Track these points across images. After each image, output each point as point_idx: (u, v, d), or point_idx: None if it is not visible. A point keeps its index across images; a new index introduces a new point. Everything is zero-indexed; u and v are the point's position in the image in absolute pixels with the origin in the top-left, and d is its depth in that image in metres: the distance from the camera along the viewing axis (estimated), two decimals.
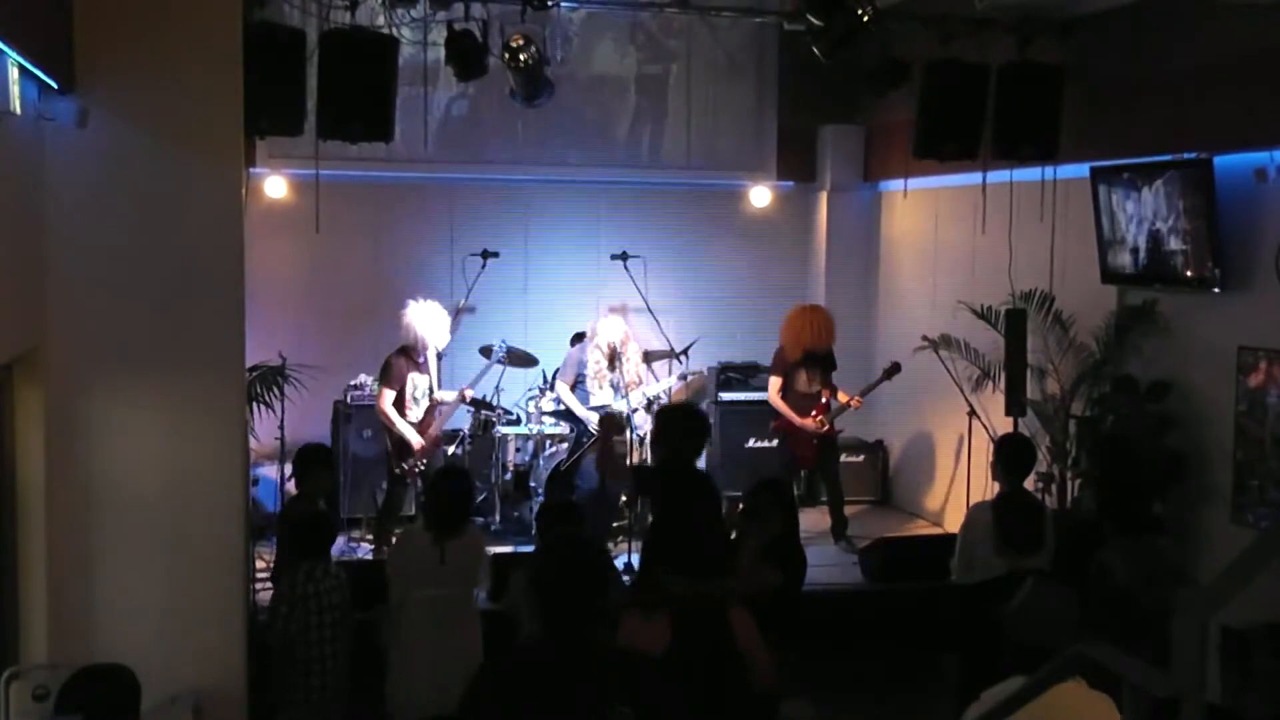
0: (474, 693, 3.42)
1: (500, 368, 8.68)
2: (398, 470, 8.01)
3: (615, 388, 8.48)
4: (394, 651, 5.62)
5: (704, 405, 10.00)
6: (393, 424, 7.92)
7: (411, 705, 5.54)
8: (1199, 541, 6.71)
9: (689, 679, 4.47)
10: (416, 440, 7.92)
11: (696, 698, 4.40)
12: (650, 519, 6.54)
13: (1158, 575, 5.03)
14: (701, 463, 9.79)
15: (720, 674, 4.84)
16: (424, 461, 7.97)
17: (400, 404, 7.94)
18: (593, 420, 8.33)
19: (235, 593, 5.55)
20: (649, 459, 8.75)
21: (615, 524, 8.60)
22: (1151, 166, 6.88)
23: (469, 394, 8.23)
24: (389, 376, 7.93)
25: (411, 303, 7.98)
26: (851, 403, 8.63)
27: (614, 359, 8.39)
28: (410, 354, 7.94)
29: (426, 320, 7.88)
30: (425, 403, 8.02)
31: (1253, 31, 6.24)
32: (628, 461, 8.22)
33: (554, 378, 8.87)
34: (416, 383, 7.97)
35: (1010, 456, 6.21)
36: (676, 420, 6.23)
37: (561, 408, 8.71)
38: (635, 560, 7.65)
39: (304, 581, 5.51)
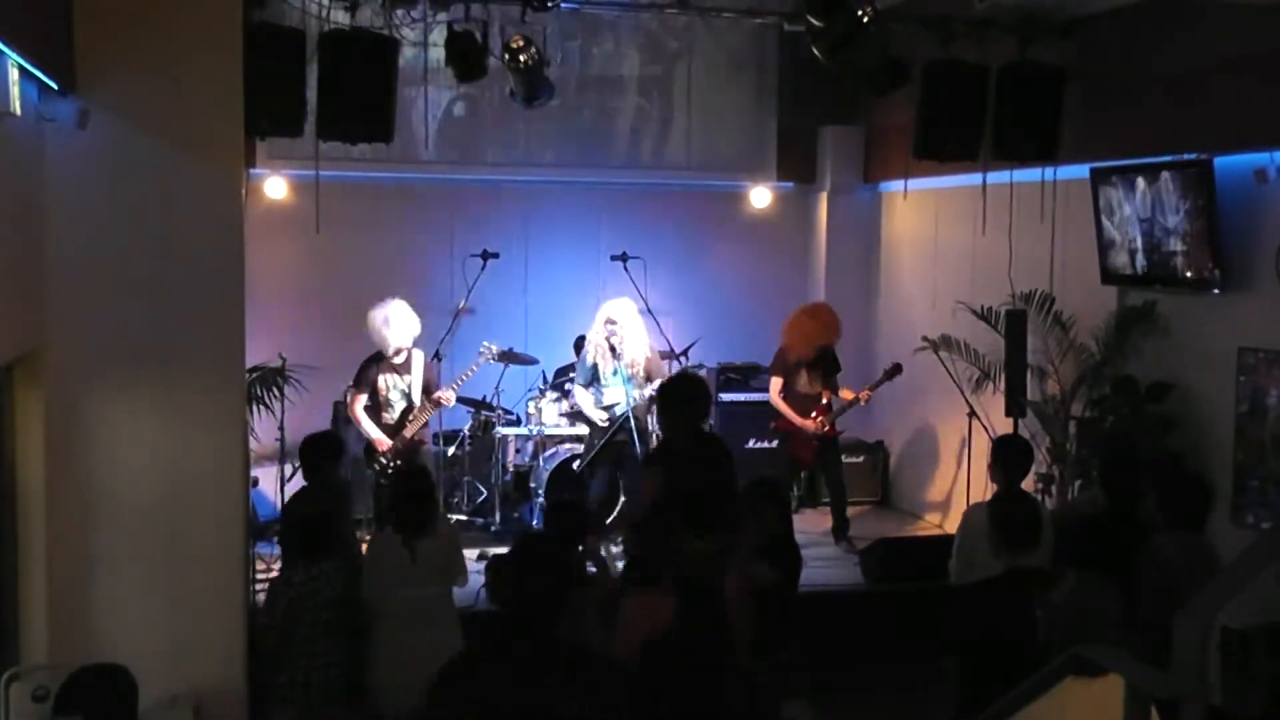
0: (436, 690, 3.45)
1: (499, 368, 8.66)
2: (369, 471, 8.02)
3: (628, 379, 8.36)
4: (373, 651, 5.63)
5: None
6: (359, 424, 7.93)
7: (392, 704, 5.56)
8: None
9: (690, 655, 4.48)
10: (379, 439, 7.87)
11: (694, 672, 4.42)
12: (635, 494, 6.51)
13: (1208, 571, 5.05)
14: None
15: (716, 646, 4.85)
16: (397, 462, 7.93)
17: (376, 406, 7.93)
18: (597, 418, 8.32)
19: (235, 593, 5.55)
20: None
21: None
22: (1151, 167, 6.88)
23: (449, 399, 8.17)
24: (358, 379, 7.97)
25: (376, 305, 7.89)
26: (860, 396, 8.63)
27: (613, 350, 8.30)
28: (383, 356, 7.91)
29: (384, 320, 7.79)
30: (402, 404, 7.97)
31: (1253, 31, 6.24)
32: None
33: (555, 379, 8.85)
34: (392, 384, 7.93)
35: (1008, 457, 6.22)
36: (673, 391, 6.28)
37: (575, 409, 8.67)
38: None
39: (284, 586, 5.50)
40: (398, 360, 7.89)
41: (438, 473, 8.58)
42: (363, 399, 7.92)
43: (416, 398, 7.95)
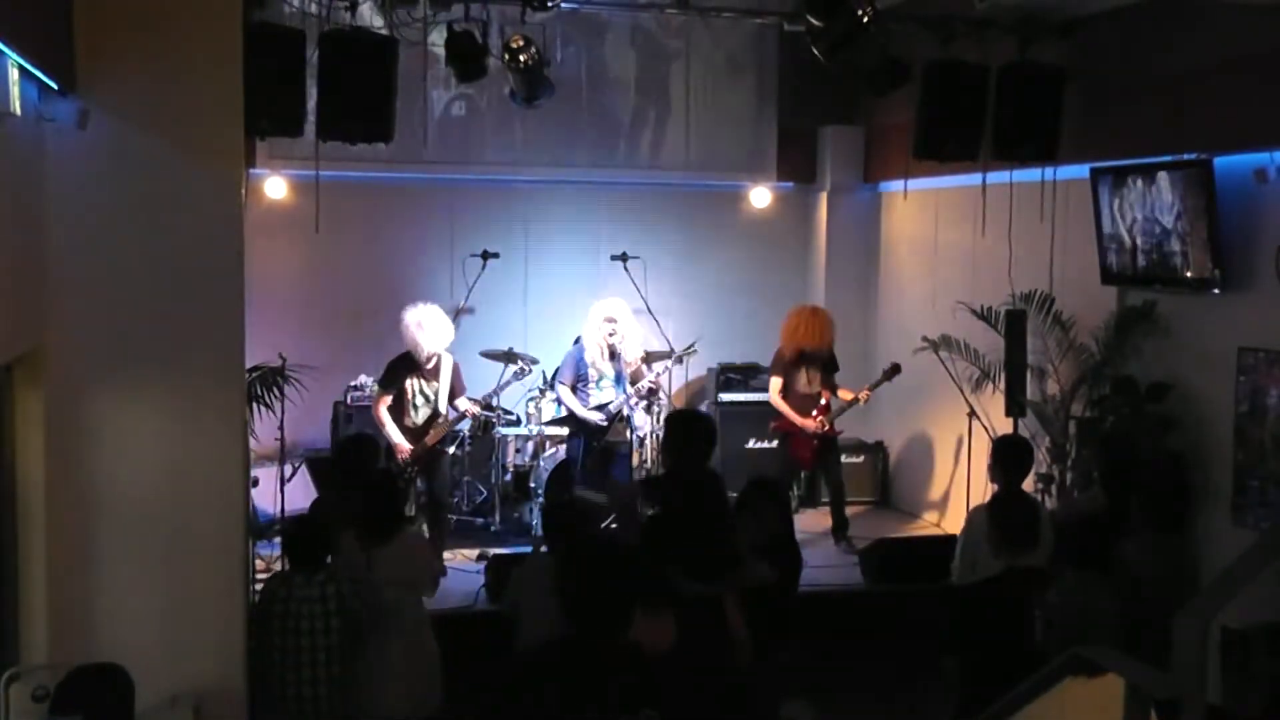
0: (500, 690, 3.45)
1: (499, 368, 8.65)
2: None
3: (618, 379, 8.37)
4: (355, 659, 5.61)
5: (704, 406, 10.03)
6: (382, 426, 7.89)
7: (365, 711, 5.55)
8: (1199, 542, 6.70)
9: (692, 672, 4.50)
10: (401, 445, 7.84)
11: (696, 690, 4.44)
12: (651, 518, 6.56)
13: (1181, 573, 5.06)
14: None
15: (715, 662, 4.87)
16: (415, 467, 7.90)
17: (400, 409, 7.90)
18: (595, 419, 8.31)
19: (235, 593, 5.54)
20: (648, 460, 8.77)
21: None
22: (1151, 167, 6.88)
23: (475, 409, 8.17)
24: (385, 380, 7.91)
25: (410, 307, 7.92)
26: (859, 397, 8.63)
27: (612, 352, 8.31)
28: (411, 358, 7.88)
29: (419, 325, 7.76)
30: (427, 409, 7.94)
31: (1252, 31, 6.24)
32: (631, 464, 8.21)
33: (553, 379, 8.85)
34: (417, 388, 7.90)
35: (1008, 458, 6.23)
36: (681, 427, 6.32)
37: (564, 412, 8.66)
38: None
39: (278, 587, 5.47)
40: (428, 365, 7.87)
41: (452, 477, 8.59)
42: (388, 400, 7.88)
43: (442, 404, 7.92)
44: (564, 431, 8.75)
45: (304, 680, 5.40)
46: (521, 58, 7.51)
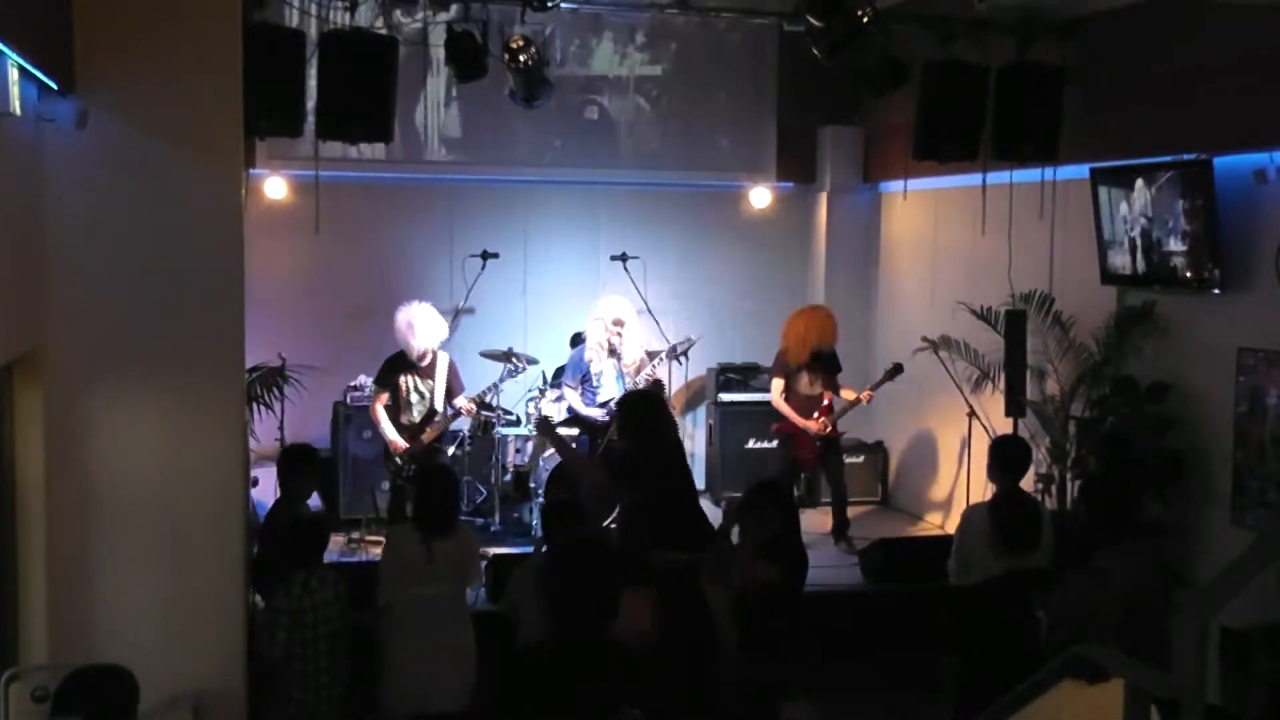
0: (486, 693, 3.47)
1: (498, 367, 8.65)
2: (388, 471, 8.00)
3: (618, 376, 8.39)
4: (388, 651, 5.61)
5: (704, 406, 10.04)
6: (378, 424, 7.90)
7: (404, 704, 5.55)
8: (1199, 542, 6.71)
9: (674, 653, 4.51)
10: (396, 442, 7.85)
11: (680, 673, 4.45)
12: (624, 501, 6.63)
13: (1154, 577, 5.05)
14: (701, 464, 9.87)
15: (699, 645, 4.89)
16: (412, 466, 7.90)
17: (396, 407, 7.91)
18: (597, 415, 8.33)
19: (235, 593, 5.55)
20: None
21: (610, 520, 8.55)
22: (1151, 167, 6.88)
23: (470, 408, 8.18)
24: (380, 378, 7.93)
25: (402, 306, 7.92)
26: (862, 397, 8.62)
27: (612, 349, 8.33)
28: (406, 357, 7.89)
29: (409, 324, 7.78)
30: (423, 407, 7.95)
31: (1253, 31, 6.25)
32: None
33: (554, 379, 8.83)
34: (413, 386, 7.91)
35: (1005, 457, 6.23)
36: (632, 407, 6.43)
37: (569, 414, 8.66)
38: None
39: (300, 594, 5.39)
40: (423, 363, 7.87)
41: None
42: (385, 398, 7.89)
43: (439, 402, 7.92)
44: (569, 433, 8.75)
45: (321, 670, 5.35)
46: (521, 58, 7.51)
